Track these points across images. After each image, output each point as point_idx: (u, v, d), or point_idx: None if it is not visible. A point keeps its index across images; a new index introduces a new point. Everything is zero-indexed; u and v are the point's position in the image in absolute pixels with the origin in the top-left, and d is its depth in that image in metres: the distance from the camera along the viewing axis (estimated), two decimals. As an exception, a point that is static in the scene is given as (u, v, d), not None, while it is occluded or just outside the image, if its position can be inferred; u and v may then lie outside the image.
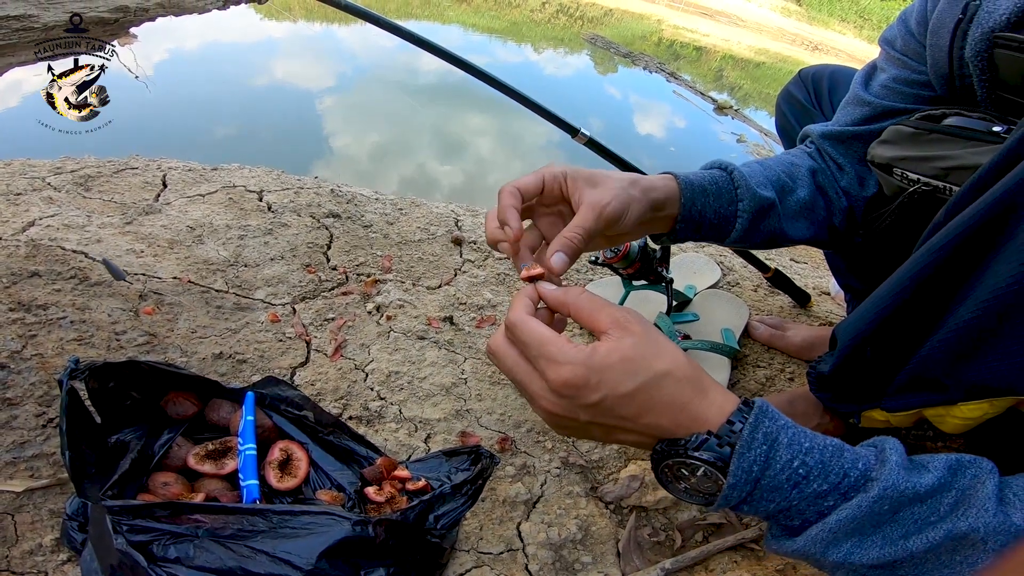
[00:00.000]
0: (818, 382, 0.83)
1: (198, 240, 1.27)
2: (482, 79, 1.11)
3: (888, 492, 0.45)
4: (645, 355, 0.49)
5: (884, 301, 0.66)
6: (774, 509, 0.48)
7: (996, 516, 0.44)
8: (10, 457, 0.80)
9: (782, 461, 0.47)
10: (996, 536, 0.44)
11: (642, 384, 0.49)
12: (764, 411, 0.48)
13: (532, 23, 8.70)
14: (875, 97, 0.87)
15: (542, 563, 0.80)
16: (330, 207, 1.48)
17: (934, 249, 0.60)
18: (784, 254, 1.84)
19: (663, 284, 1.15)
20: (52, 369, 0.92)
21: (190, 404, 0.83)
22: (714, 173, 0.80)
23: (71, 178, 1.41)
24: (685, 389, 0.50)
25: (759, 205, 0.80)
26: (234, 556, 0.62)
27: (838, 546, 0.46)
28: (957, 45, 0.73)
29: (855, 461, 0.47)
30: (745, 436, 0.47)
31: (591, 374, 0.48)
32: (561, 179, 0.65)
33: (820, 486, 0.47)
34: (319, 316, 1.16)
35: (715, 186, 0.78)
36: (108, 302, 1.05)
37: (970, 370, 0.59)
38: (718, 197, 0.78)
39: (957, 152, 0.74)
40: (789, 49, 10.56)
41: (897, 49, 0.86)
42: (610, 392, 0.49)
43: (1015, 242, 0.52)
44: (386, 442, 0.94)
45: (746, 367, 1.20)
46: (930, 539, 0.45)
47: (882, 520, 0.46)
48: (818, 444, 0.48)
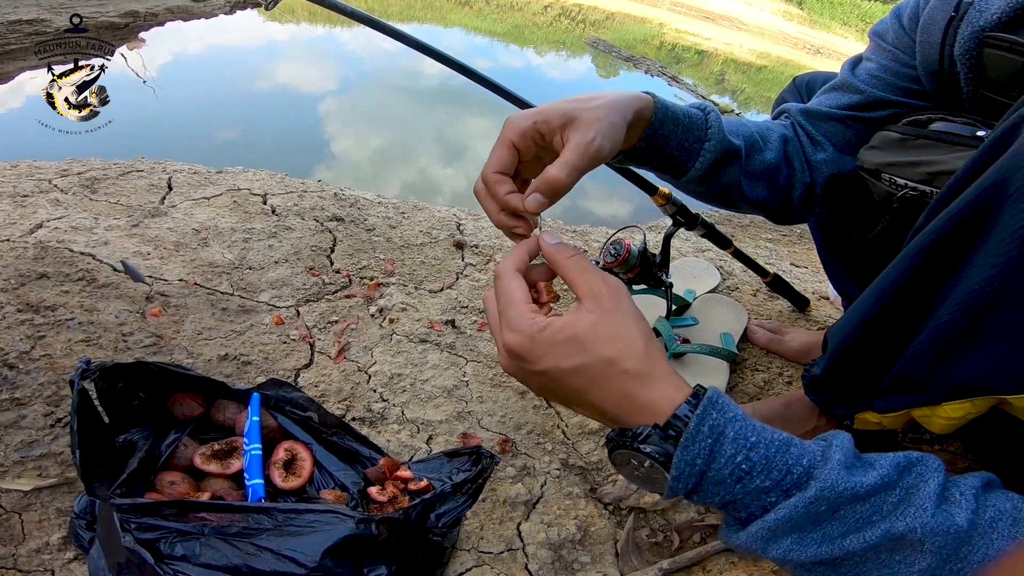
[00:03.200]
0: (812, 385, 0.85)
1: (203, 243, 1.29)
2: (483, 84, 1.13)
3: (825, 492, 0.45)
4: (597, 337, 0.50)
5: (867, 306, 0.68)
6: (719, 502, 0.48)
7: (935, 516, 0.44)
8: (18, 456, 0.82)
9: (726, 455, 0.46)
10: (934, 537, 0.43)
11: (584, 364, 0.50)
12: (713, 403, 0.48)
13: (534, 26, 8.72)
14: (866, 85, 0.88)
15: (542, 563, 0.82)
16: (333, 211, 1.49)
17: (910, 255, 0.61)
18: (784, 258, 1.86)
19: (662, 288, 1.16)
20: (60, 370, 0.93)
21: (196, 405, 0.84)
22: (690, 109, 0.79)
23: (77, 180, 1.43)
24: (629, 379, 0.49)
25: (724, 150, 0.80)
26: (240, 554, 0.63)
27: (777, 543, 0.47)
28: (948, 42, 0.75)
29: (800, 457, 0.47)
30: (691, 428, 0.47)
31: (535, 347, 0.50)
32: (532, 132, 0.61)
33: (763, 482, 0.46)
34: (323, 319, 1.17)
35: (688, 119, 0.77)
36: (115, 304, 1.06)
37: (950, 371, 0.60)
38: (688, 130, 0.77)
39: (942, 157, 0.75)
40: (791, 53, 10.57)
41: (888, 42, 0.88)
42: (553, 366, 0.50)
43: (987, 245, 0.53)
44: (388, 443, 0.95)
45: (744, 371, 1.21)
46: (867, 538, 0.45)
47: (821, 518, 0.46)
48: (765, 439, 0.47)
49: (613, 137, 0.63)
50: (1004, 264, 0.51)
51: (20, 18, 1.04)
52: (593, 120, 0.61)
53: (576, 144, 0.59)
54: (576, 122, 0.61)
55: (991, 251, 0.52)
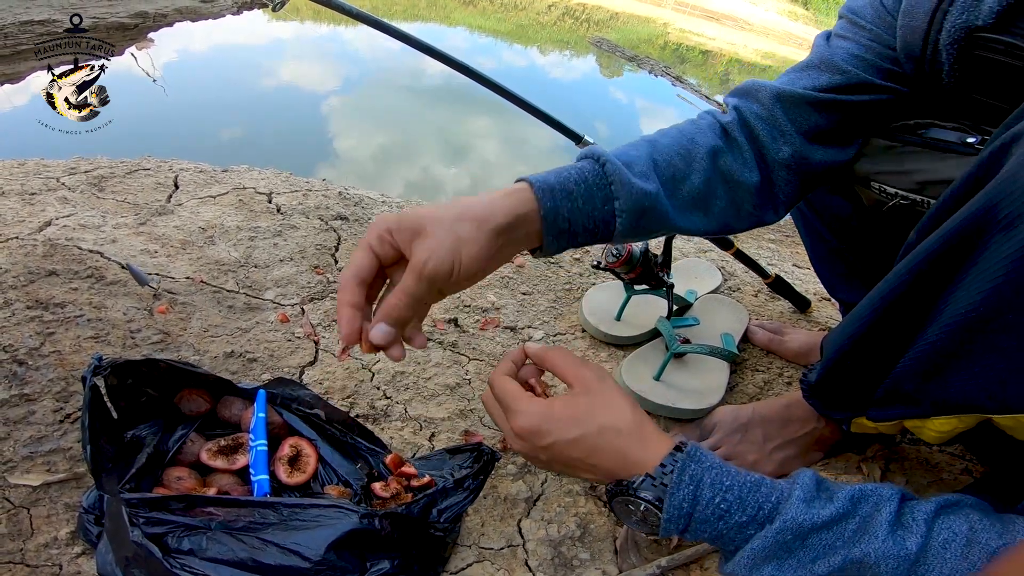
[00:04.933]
0: (808, 390, 0.86)
1: (210, 241, 1.30)
2: (487, 85, 1.14)
3: (788, 524, 0.53)
4: (593, 411, 0.61)
5: (859, 320, 0.69)
6: (708, 537, 0.56)
7: (885, 542, 0.50)
8: (27, 452, 0.83)
9: (706, 499, 0.55)
10: (886, 560, 0.49)
11: (585, 434, 0.60)
12: (691, 456, 0.57)
13: (538, 26, 8.72)
14: (850, 66, 0.79)
15: (541, 559, 0.83)
16: (338, 209, 1.51)
17: (901, 272, 0.62)
18: (786, 259, 1.86)
19: (664, 289, 1.17)
20: (69, 366, 0.94)
21: (203, 401, 0.85)
22: (583, 167, 0.68)
23: (85, 178, 1.44)
24: (624, 439, 0.59)
25: (639, 203, 0.69)
26: (245, 547, 0.64)
27: (759, 569, 0.54)
28: (934, 29, 0.71)
29: (769, 495, 0.55)
30: (675, 479, 0.56)
31: (543, 423, 0.60)
32: (387, 237, 0.58)
33: (740, 518, 0.54)
34: (327, 317, 1.18)
35: (583, 185, 0.66)
36: (123, 301, 1.08)
37: (937, 388, 0.61)
38: (588, 199, 0.67)
39: (931, 166, 0.75)
40: (796, 53, 10.54)
41: (868, 20, 0.80)
42: (559, 439, 0.60)
43: (975, 269, 0.54)
44: (392, 440, 0.96)
45: (745, 371, 1.22)
46: (832, 564, 0.51)
47: (792, 547, 0.53)
48: (738, 482, 0.56)
49: (458, 252, 0.57)
50: (990, 290, 0.53)
51: (32, 19, 1.05)
52: (434, 236, 0.57)
53: (411, 268, 0.57)
54: (420, 236, 0.57)
55: (979, 276, 0.54)
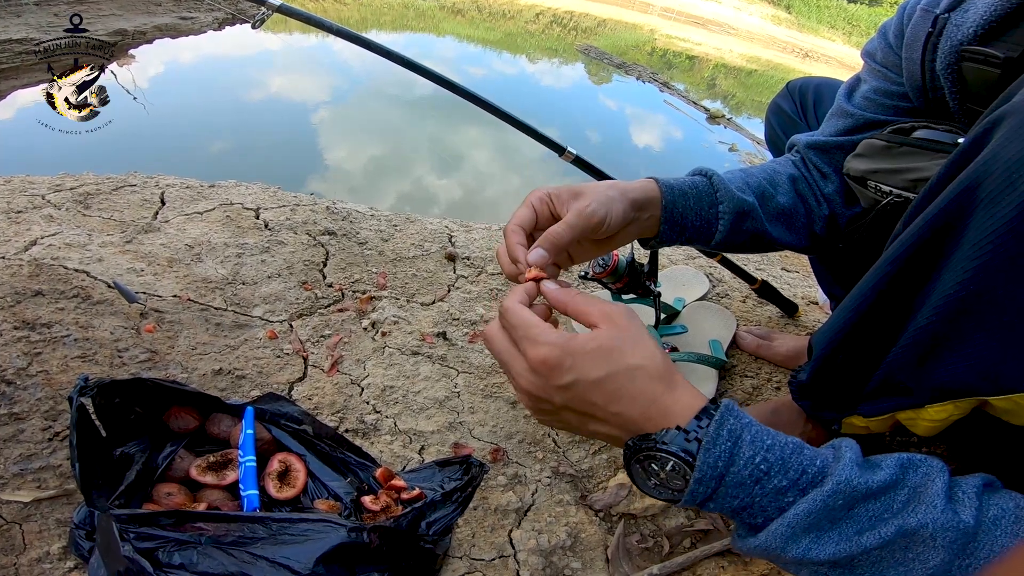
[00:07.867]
0: (799, 391, 0.86)
1: (197, 258, 1.30)
2: (470, 99, 1.14)
3: (841, 486, 0.47)
4: (622, 347, 0.52)
5: (848, 311, 0.69)
6: (738, 505, 0.50)
7: (944, 512, 0.46)
8: (17, 469, 0.83)
9: (745, 457, 0.49)
10: (945, 532, 0.45)
11: (612, 372, 0.52)
12: (729, 410, 0.50)
13: (526, 34, 8.77)
14: (857, 109, 0.90)
15: (533, 569, 0.83)
16: (326, 224, 1.51)
17: (889, 260, 0.63)
18: (776, 263, 1.88)
19: (651, 297, 1.18)
20: (57, 385, 0.94)
21: (191, 418, 0.86)
22: (695, 179, 0.84)
23: (71, 196, 1.44)
24: (655, 384, 0.52)
25: (739, 208, 0.83)
26: (236, 562, 0.64)
27: (797, 541, 0.48)
28: (928, 58, 0.77)
29: (813, 459, 0.50)
30: (711, 432, 0.49)
31: (565, 356, 0.52)
32: (547, 200, 0.70)
33: (780, 482, 0.49)
34: (316, 332, 1.19)
35: (695, 190, 0.82)
36: (110, 320, 1.08)
37: (931, 374, 0.61)
38: (699, 200, 0.82)
39: (924, 164, 0.77)
40: (780, 56, 10.65)
41: (878, 61, 0.89)
42: (581, 376, 0.52)
43: (960, 250, 0.54)
44: (382, 454, 0.96)
45: (733, 377, 1.23)
46: (882, 535, 0.46)
47: (837, 515, 0.48)
48: (779, 442, 0.50)
49: (610, 207, 0.70)
50: (977, 268, 0.52)
51: (10, 37, 1.05)
52: (593, 193, 0.70)
53: (576, 209, 0.68)
54: (580, 195, 0.70)
55: (964, 255, 0.54)
